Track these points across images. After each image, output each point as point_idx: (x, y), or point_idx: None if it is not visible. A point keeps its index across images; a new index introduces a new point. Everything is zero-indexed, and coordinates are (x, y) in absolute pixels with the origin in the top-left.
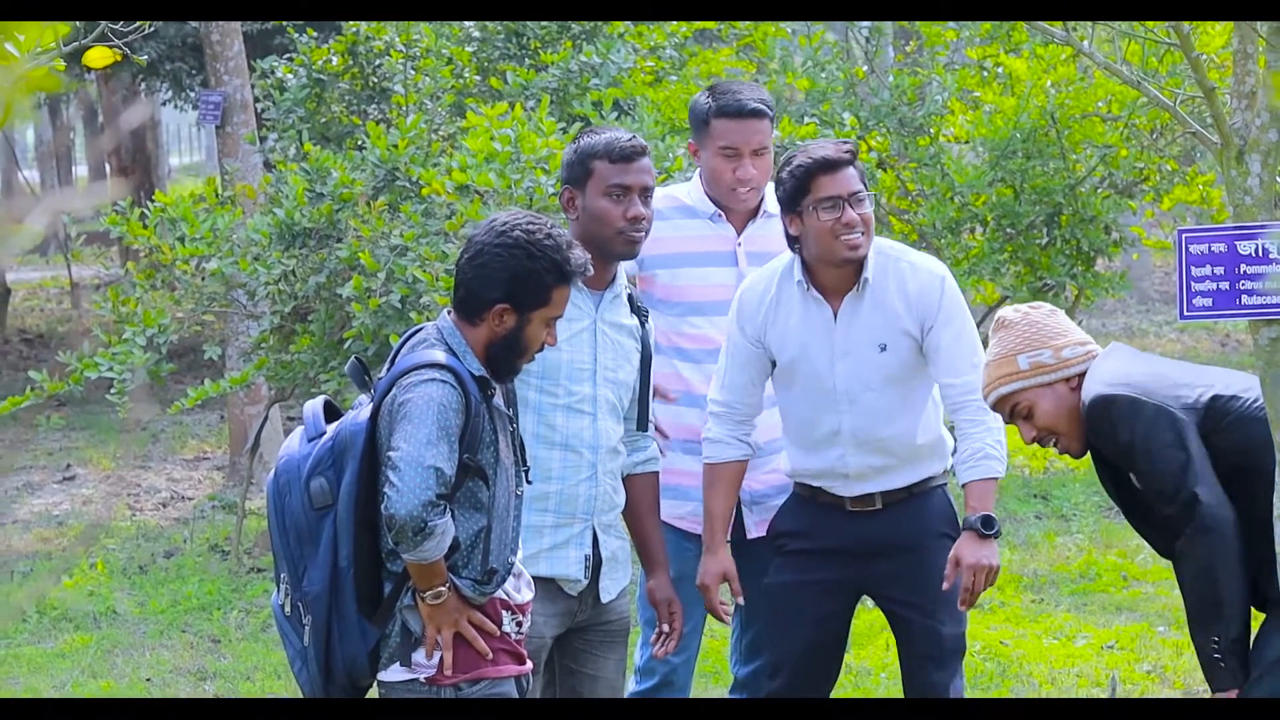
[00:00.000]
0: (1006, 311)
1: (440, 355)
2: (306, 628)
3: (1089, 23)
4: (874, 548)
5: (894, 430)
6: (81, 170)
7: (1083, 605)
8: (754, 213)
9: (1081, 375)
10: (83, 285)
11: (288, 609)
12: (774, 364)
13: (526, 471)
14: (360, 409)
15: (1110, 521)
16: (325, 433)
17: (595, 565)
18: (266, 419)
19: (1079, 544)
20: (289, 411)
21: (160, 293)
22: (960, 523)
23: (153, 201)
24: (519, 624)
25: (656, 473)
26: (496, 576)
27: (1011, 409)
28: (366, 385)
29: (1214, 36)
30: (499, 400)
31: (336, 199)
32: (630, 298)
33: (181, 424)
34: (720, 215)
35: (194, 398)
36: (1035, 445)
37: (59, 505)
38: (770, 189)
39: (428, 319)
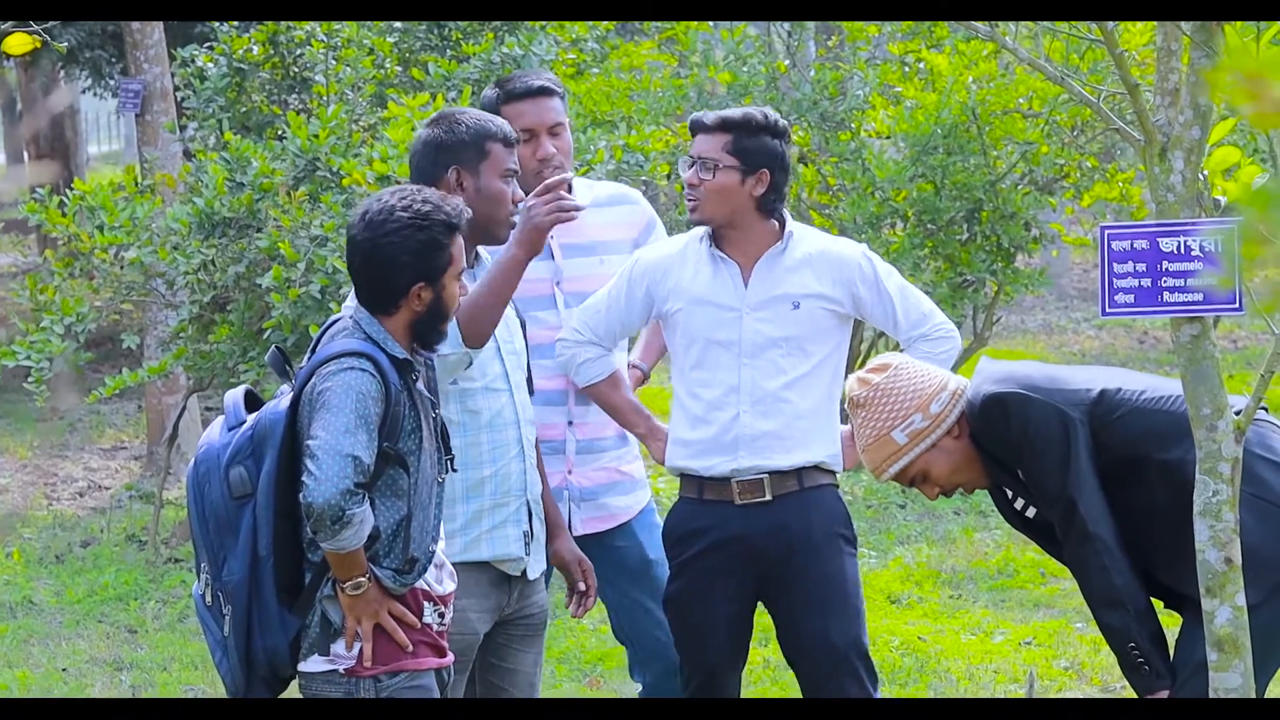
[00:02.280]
0: (854, 389)
1: (359, 344)
2: (227, 617)
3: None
4: (767, 544)
5: (790, 392)
6: None
7: (1000, 601)
8: None
9: (959, 420)
10: (0, 273)
11: (208, 599)
12: (667, 319)
13: (451, 459)
14: (280, 398)
15: None
16: (245, 422)
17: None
18: (184, 409)
19: (997, 540)
20: (207, 401)
21: (78, 281)
22: (852, 526)
23: (71, 189)
24: (441, 615)
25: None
26: (417, 565)
27: (909, 480)
28: (287, 375)
29: (1136, 34)
30: (421, 385)
31: (257, 189)
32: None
33: (99, 413)
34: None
35: (112, 387)
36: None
37: None
38: (580, 183)
39: None
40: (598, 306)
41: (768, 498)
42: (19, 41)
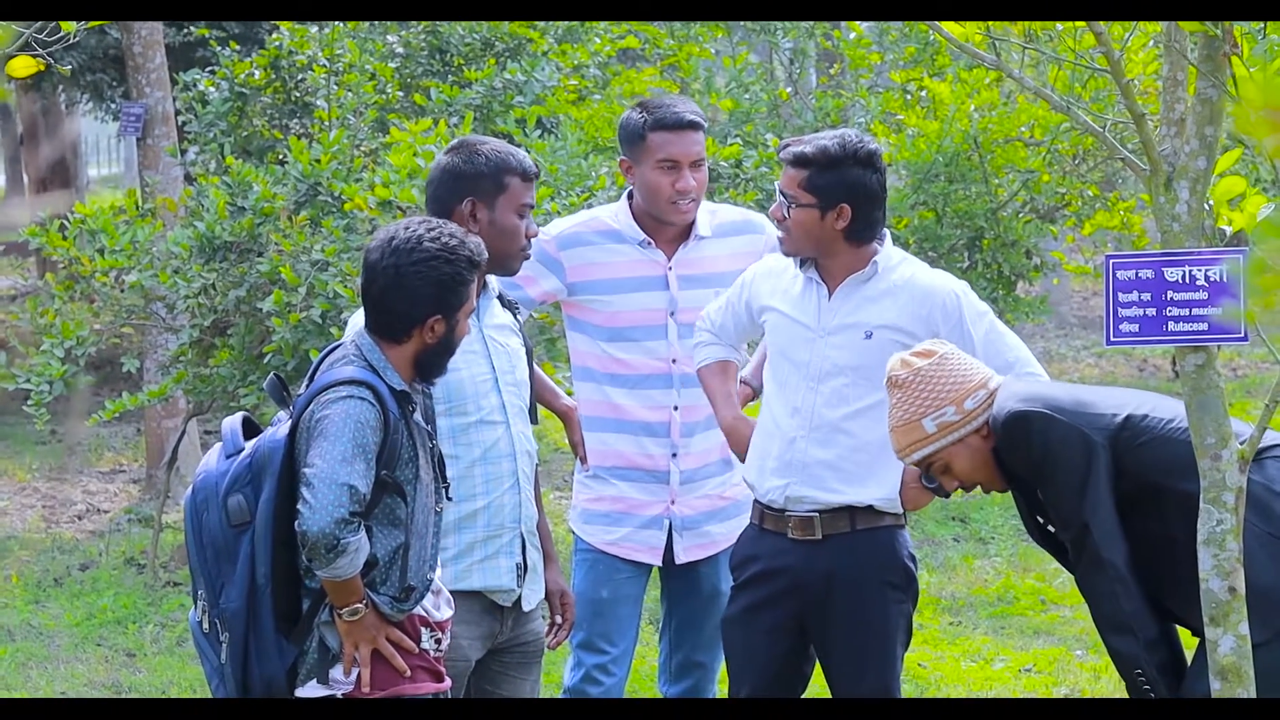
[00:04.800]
0: (895, 368)
1: (359, 372)
2: (224, 645)
3: (1017, 48)
4: (810, 582)
5: (853, 424)
6: None
7: (1000, 628)
8: (685, 236)
9: (988, 422)
10: (0, 296)
11: (205, 626)
12: (764, 330)
13: (446, 488)
14: (279, 425)
15: (1028, 545)
16: (244, 449)
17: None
18: (184, 432)
19: (997, 567)
20: (206, 425)
21: (79, 304)
22: (914, 576)
23: (72, 212)
24: (438, 641)
25: (536, 464)
26: (414, 594)
27: (928, 467)
28: (285, 402)
29: (1139, 63)
30: (419, 416)
31: (258, 213)
32: (499, 295)
33: (98, 436)
34: (650, 242)
35: (111, 410)
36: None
37: None
38: (703, 210)
39: None
40: (719, 305)
41: (818, 536)
42: (23, 64)
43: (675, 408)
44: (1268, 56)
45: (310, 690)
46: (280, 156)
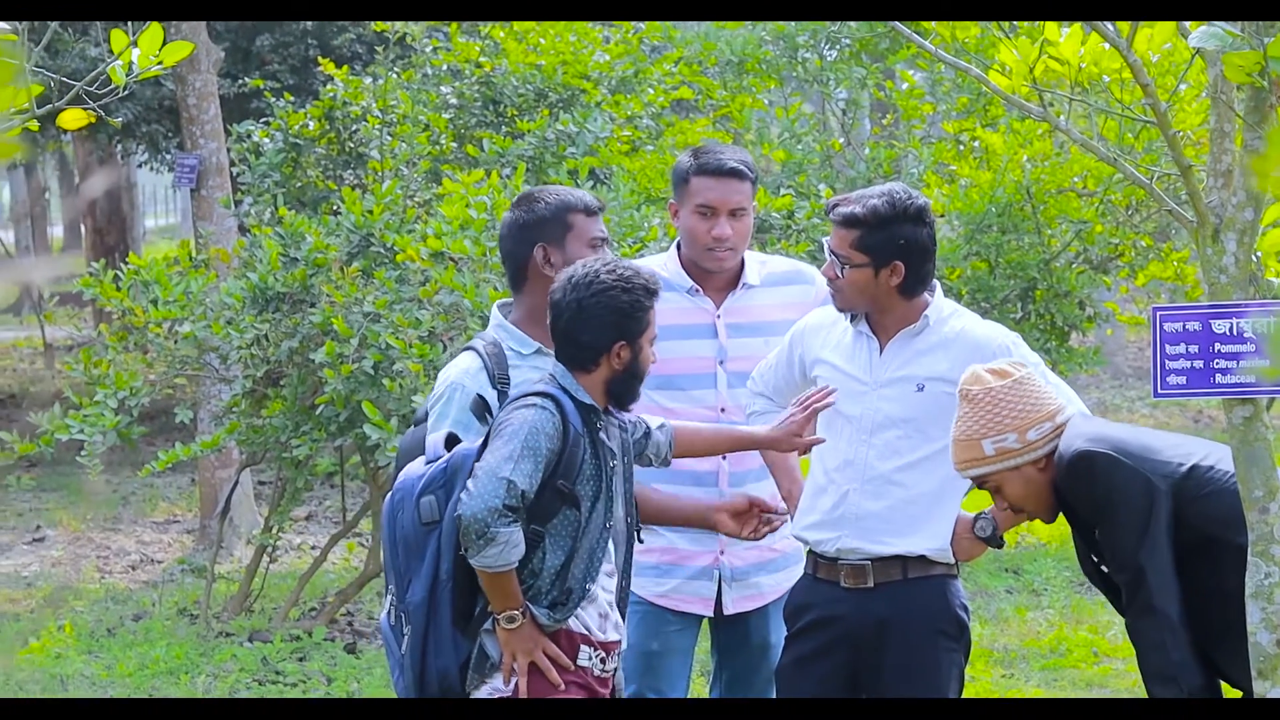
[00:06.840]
0: (969, 381)
1: (547, 387)
2: (406, 637)
3: (1066, 99)
4: (863, 631)
5: (905, 475)
6: (57, 230)
7: (1053, 680)
8: (734, 283)
9: (1049, 455)
10: (55, 346)
11: (393, 619)
12: (814, 384)
13: (639, 530)
14: (478, 439)
15: (1081, 596)
16: (442, 457)
17: None
18: (237, 483)
19: (1050, 619)
20: (260, 475)
21: (132, 355)
22: (966, 626)
23: (126, 264)
24: (602, 660)
25: None
26: (572, 597)
27: (981, 483)
28: (485, 420)
29: (1190, 114)
30: (605, 436)
31: (310, 264)
32: None
33: (152, 486)
34: (698, 290)
35: (165, 461)
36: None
37: (28, 566)
38: (753, 259)
39: (400, 386)
40: (769, 363)
41: (870, 584)
42: (74, 117)
43: (724, 457)
44: None
45: (483, 694)
46: (333, 207)
